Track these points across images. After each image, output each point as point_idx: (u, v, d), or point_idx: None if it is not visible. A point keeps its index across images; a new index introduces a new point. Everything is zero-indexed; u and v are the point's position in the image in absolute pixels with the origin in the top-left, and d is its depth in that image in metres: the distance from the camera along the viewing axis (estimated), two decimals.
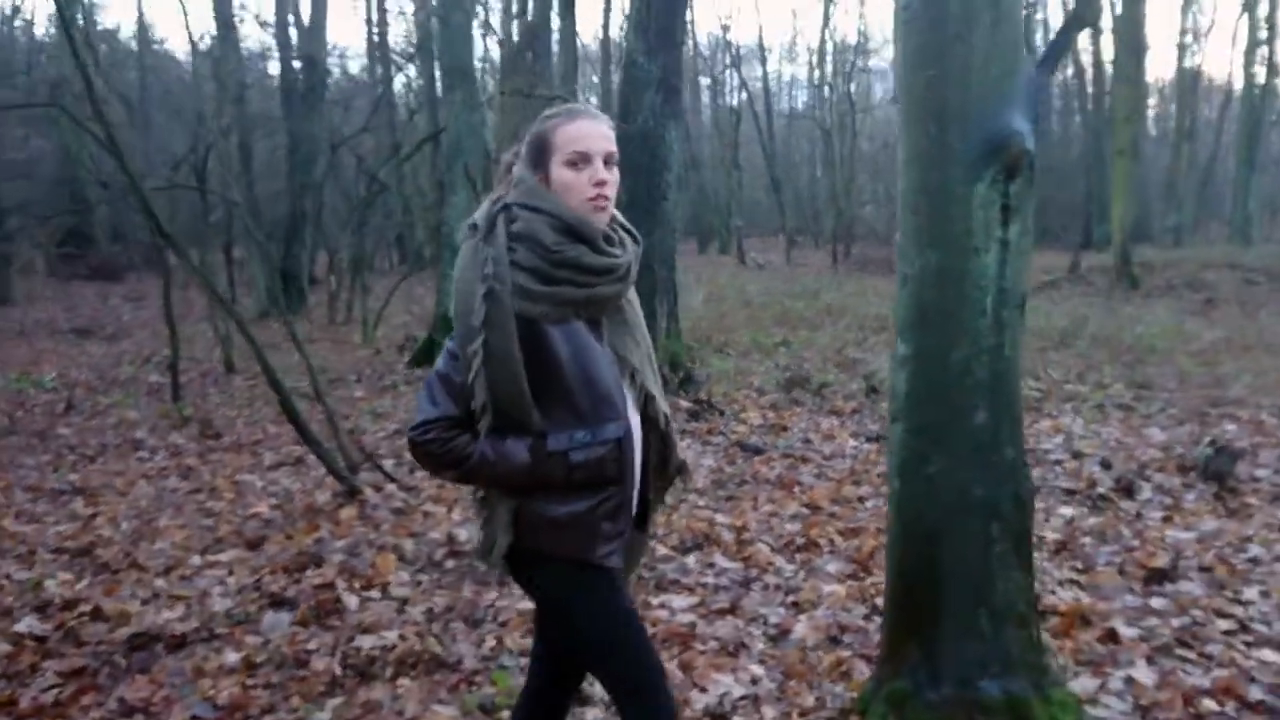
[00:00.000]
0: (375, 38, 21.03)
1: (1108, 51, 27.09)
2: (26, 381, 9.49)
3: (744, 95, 36.03)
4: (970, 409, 2.54)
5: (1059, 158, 30.66)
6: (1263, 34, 26.46)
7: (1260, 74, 26.46)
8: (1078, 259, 20.36)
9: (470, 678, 3.30)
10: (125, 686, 3.34)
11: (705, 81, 40.37)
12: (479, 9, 29.81)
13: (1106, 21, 24.89)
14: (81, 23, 19.30)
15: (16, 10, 20.69)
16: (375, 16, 20.32)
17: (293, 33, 17.02)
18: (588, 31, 44.22)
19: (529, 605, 3.89)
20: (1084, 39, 29.02)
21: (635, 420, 1.97)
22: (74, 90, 12.58)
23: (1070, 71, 32.27)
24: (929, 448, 2.59)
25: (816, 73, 36.48)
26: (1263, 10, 26.33)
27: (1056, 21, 30.98)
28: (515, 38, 20.18)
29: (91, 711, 3.20)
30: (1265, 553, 4.24)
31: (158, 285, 14.17)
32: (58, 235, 19.62)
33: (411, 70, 20.14)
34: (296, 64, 15.28)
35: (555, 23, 20.82)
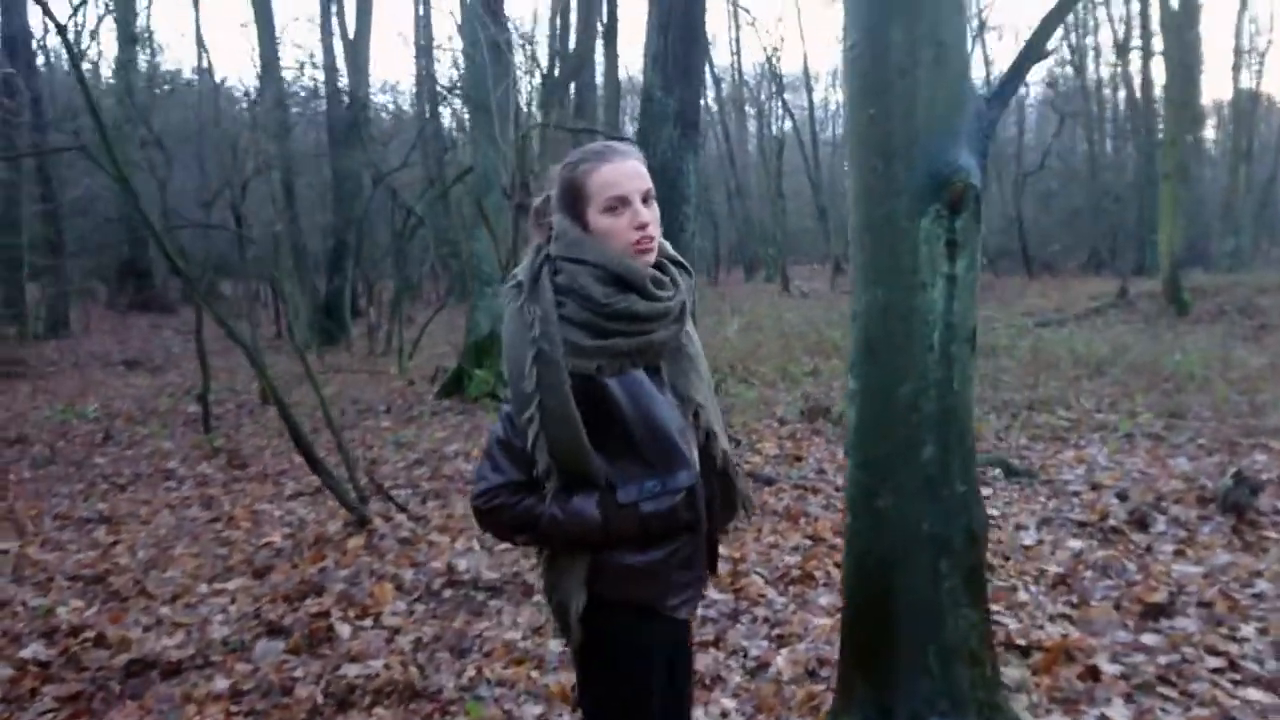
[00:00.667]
0: (421, 72, 21.39)
1: (1160, 74, 26.69)
2: (70, 412, 9.81)
3: (789, 123, 36.11)
4: (918, 443, 2.54)
5: (1113, 182, 30.15)
6: None
7: None
8: (1126, 285, 19.98)
9: (446, 707, 3.34)
10: (116, 712, 3.44)
11: (751, 111, 40.52)
12: (526, 45, 30.32)
13: (1158, 44, 24.51)
14: (145, 64, 20.02)
15: (83, 54, 21.47)
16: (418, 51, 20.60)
17: (341, 62, 17.51)
18: (634, 63, 44.62)
19: (512, 635, 3.95)
20: (1136, 61, 28.61)
21: (697, 463, 1.90)
22: (133, 130, 13.06)
23: (1123, 95, 31.86)
24: (878, 482, 2.59)
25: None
26: None
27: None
28: (557, 71, 20.50)
29: None
30: (1272, 589, 4.13)
31: (208, 318, 14.58)
32: (115, 269, 20.23)
33: (457, 103, 20.65)
34: (343, 99, 15.67)
35: (599, 54, 21.12)
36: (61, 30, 4.13)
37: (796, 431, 7.85)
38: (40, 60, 18.97)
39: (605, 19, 19.12)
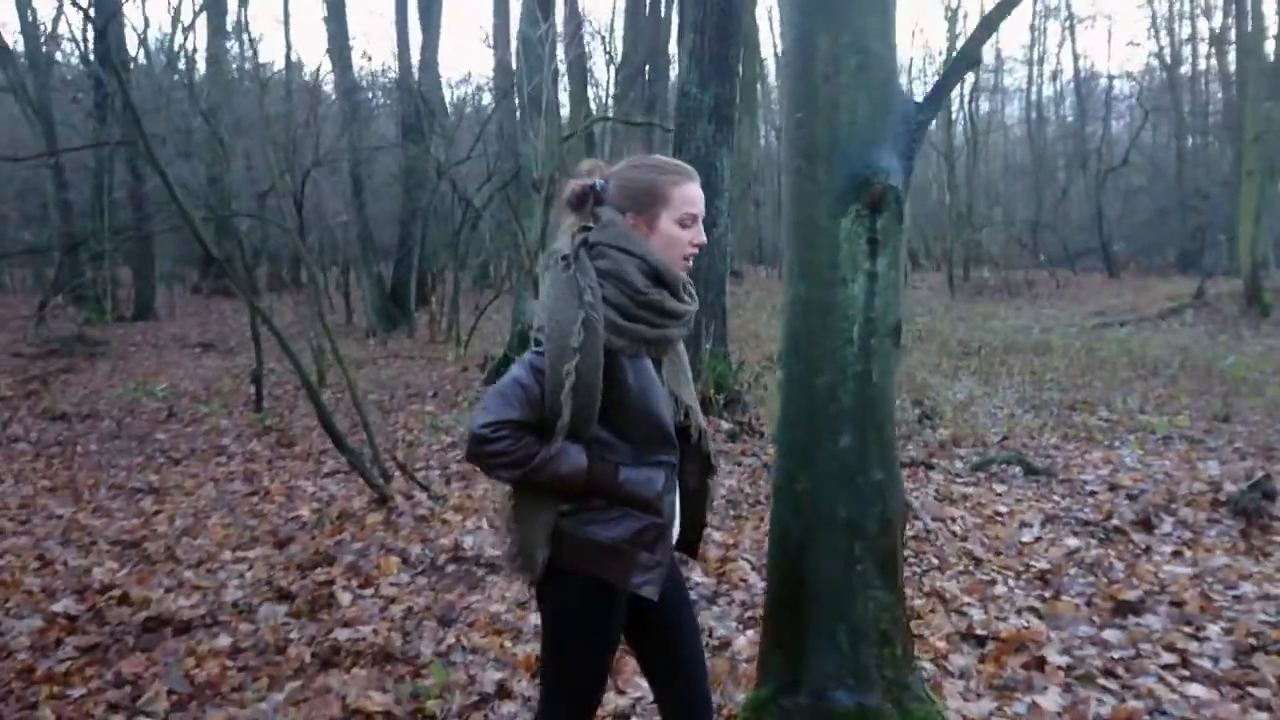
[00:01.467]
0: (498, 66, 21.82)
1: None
2: (141, 391, 10.37)
3: None
4: (836, 432, 2.66)
5: (1203, 179, 29.12)
6: None
7: None
8: (1203, 285, 19.39)
9: (419, 670, 3.56)
10: (126, 662, 3.75)
11: None
12: (602, 37, 30.48)
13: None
14: (238, 57, 20.78)
15: (180, 47, 22.43)
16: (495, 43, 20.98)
17: (416, 55, 17.99)
18: None
19: (498, 608, 4.16)
20: (1233, 54, 27.57)
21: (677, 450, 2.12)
22: (217, 122, 13.67)
23: (1217, 90, 30.79)
24: (797, 468, 2.72)
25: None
26: None
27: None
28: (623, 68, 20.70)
29: (91, 681, 3.61)
30: (1254, 590, 4.12)
31: (291, 301, 15.16)
32: (200, 256, 21.04)
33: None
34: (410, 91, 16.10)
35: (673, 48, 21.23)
36: (101, 33, 4.43)
37: None
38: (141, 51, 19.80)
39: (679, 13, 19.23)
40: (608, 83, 27.99)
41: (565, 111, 16.29)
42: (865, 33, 2.65)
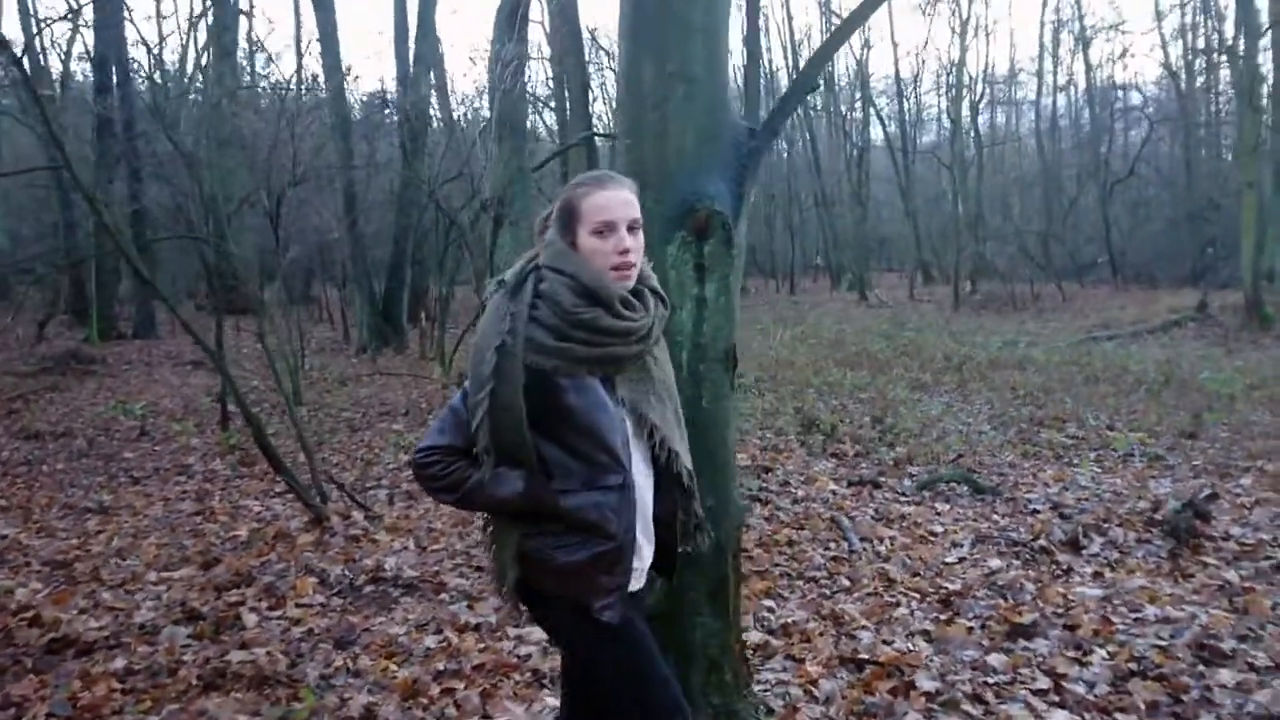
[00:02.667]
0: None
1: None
2: (119, 409, 10.48)
3: (869, 131, 35.69)
4: None
5: (1215, 191, 28.84)
6: None
7: None
8: (1205, 297, 19.20)
9: (298, 693, 3.58)
10: (17, 685, 3.77)
11: (855, 115, 40.07)
12: (608, 54, 30.55)
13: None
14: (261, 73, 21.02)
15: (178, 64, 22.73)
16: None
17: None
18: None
19: (397, 630, 4.18)
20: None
21: (646, 476, 2.10)
22: (202, 137, 13.83)
23: (1230, 102, 30.53)
24: None
25: (949, 105, 35.72)
26: None
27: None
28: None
29: None
30: (1158, 613, 4.07)
31: (293, 321, 15.29)
32: (203, 273, 21.27)
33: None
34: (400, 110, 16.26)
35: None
36: (18, 61, 4.52)
37: (780, 444, 7.89)
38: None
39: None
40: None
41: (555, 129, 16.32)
42: (691, 61, 2.67)
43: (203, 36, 24.03)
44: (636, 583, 2.10)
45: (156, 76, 17.18)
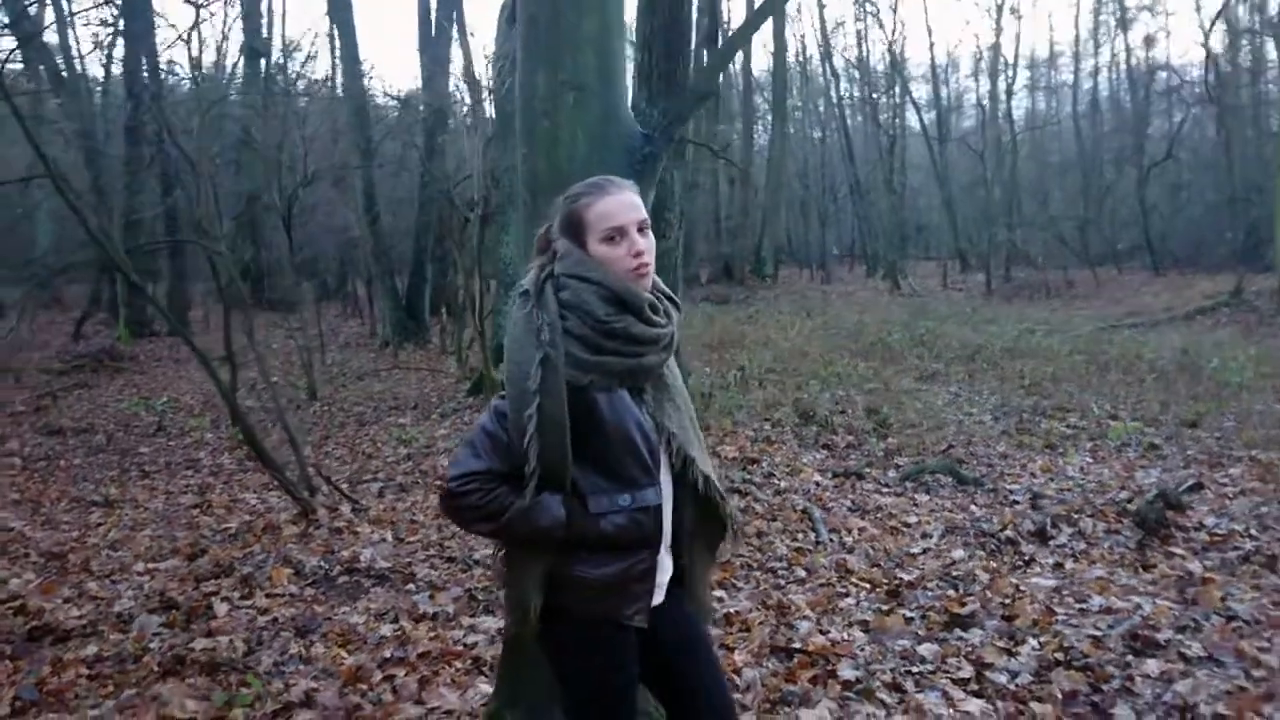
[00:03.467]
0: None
1: None
2: (141, 405, 10.81)
3: (905, 117, 35.34)
4: None
5: (1259, 174, 28.17)
6: None
7: None
8: (1241, 283, 18.85)
9: (246, 680, 3.73)
10: None
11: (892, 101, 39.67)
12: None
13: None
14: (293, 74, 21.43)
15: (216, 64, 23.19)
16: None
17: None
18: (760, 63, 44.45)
19: (357, 619, 4.32)
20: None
21: (667, 485, 2.00)
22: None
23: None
24: None
25: (985, 89, 35.31)
26: None
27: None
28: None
29: None
30: (1103, 603, 4.08)
31: (328, 317, 15.60)
32: (238, 270, 21.70)
33: None
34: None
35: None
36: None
37: (773, 435, 7.94)
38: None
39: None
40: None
41: None
42: (583, 71, 2.75)
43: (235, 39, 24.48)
44: (658, 597, 2.01)
45: (188, 79, 17.57)
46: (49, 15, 21.03)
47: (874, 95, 34.47)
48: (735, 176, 28.18)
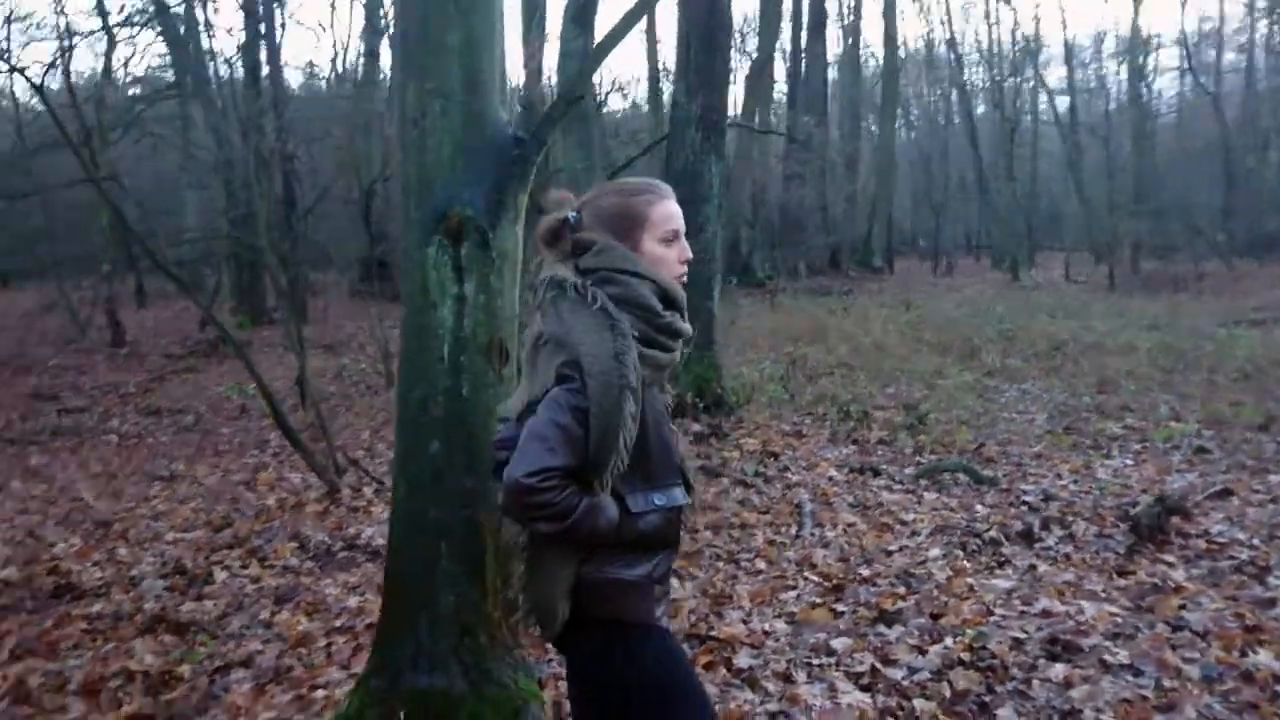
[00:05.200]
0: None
1: None
2: (234, 390, 11.57)
3: (1037, 103, 33.94)
4: (426, 441, 2.95)
5: None
6: None
7: None
8: None
9: (204, 640, 4.08)
10: (7, 621, 4.46)
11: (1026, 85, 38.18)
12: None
13: None
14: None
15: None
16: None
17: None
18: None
19: (333, 591, 4.64)
20: None
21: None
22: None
23: None
24: (398, 474, 3.04)
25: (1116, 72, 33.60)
26: None
27: None
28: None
29: None
30: (1047, 605, 4.01)
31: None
32: (357, 264, 22.76)
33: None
34: None
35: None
36: (20, 69, 5.22)
37: (805, 429, 7.94)
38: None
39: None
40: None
41: None
42: (449, 81, 2.93)
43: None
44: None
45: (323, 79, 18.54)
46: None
47: (1001, 80, 33.23)
48: (834, 166, 27.51)
